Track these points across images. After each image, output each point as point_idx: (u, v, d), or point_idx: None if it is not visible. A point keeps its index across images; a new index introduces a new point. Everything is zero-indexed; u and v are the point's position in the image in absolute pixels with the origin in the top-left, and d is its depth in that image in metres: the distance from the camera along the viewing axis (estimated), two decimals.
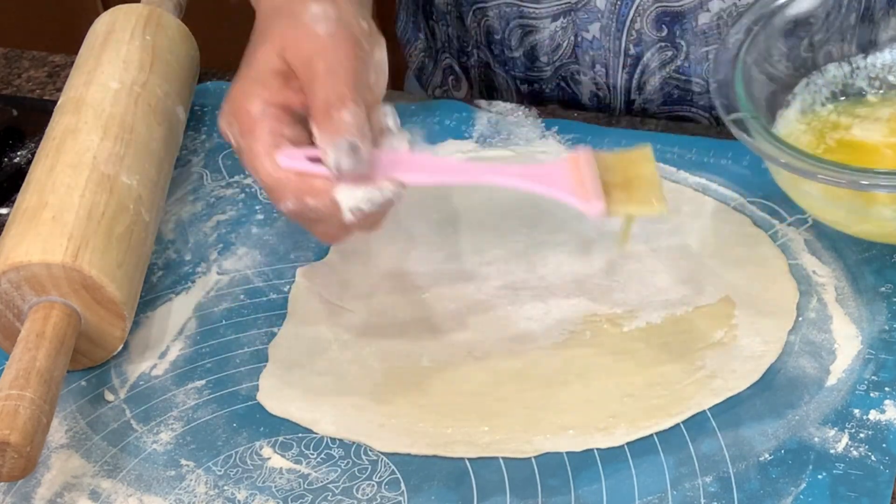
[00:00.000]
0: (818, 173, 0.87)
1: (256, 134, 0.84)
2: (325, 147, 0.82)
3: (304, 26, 0.85)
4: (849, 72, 0.99)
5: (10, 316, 0.92)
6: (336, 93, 0.83)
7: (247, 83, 0.86)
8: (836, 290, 0.94)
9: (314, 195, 0.83)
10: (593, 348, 0.92)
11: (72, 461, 0.89)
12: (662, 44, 1.10)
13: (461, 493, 0.85)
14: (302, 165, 0.83)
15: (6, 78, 1.20)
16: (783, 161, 0.88)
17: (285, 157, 0.84)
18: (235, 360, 0.94)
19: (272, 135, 0.84)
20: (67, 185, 0.95)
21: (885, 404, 0.86)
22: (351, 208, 0.83)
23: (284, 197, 0.84)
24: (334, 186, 0.83)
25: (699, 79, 1.12)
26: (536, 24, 1.13)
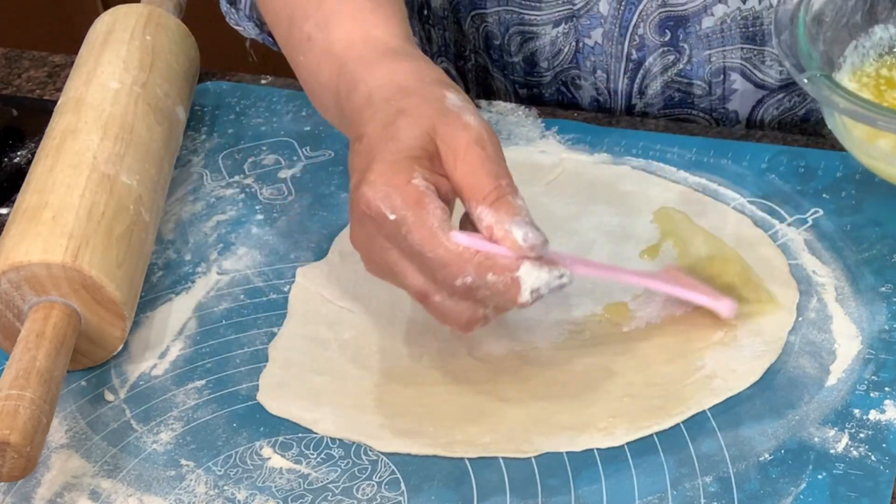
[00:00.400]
0: None
1: (428, 208, 0.82)
2: (506, 227, 0.81)
3: (452, 115, 0.85)
4: (895, 34, 0.99)
5: (10, 316, 0.92)
6: (506, 182, 0.83)
7: (400, 157, 0.83)
8: (836, 290, 0.93)
9: (497, 271, 0.81)
10: (593, 348, 0.92)
11: (72, 461, 0.89)
12: (665, 48, 1.10)
13: (461, 493, 0.85)
14: (482, 244, 0.82)
15: (6, 78, 1.20)
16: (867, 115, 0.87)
17: (461, 237, 0.82)
18: (235, 360, 0.94)
19: (444, 212, 0.82)
20: (67, 185, 0.95)
21: (885, 404, 0.86)
22: (533, 288, 0.82)
23: (463, 272, 0.81)
24: (518, 266, 0.82)
25: (701, 81, 1.12)
26: (537, 31, 1.13)
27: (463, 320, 0.85)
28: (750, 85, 1.11)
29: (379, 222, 0.83)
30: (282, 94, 1.15)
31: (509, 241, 0.81)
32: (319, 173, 1.07)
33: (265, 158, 1.09)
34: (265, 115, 1.13)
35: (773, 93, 1.12)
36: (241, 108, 1.14)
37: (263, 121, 1.12)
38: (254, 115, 1.13)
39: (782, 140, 1.06)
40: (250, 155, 1.10)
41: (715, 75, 1.11)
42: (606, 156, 1.05)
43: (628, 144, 1.06)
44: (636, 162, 1.05)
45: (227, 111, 1.14)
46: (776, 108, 1.13)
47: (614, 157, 1.05)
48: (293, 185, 1.06)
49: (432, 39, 1.22)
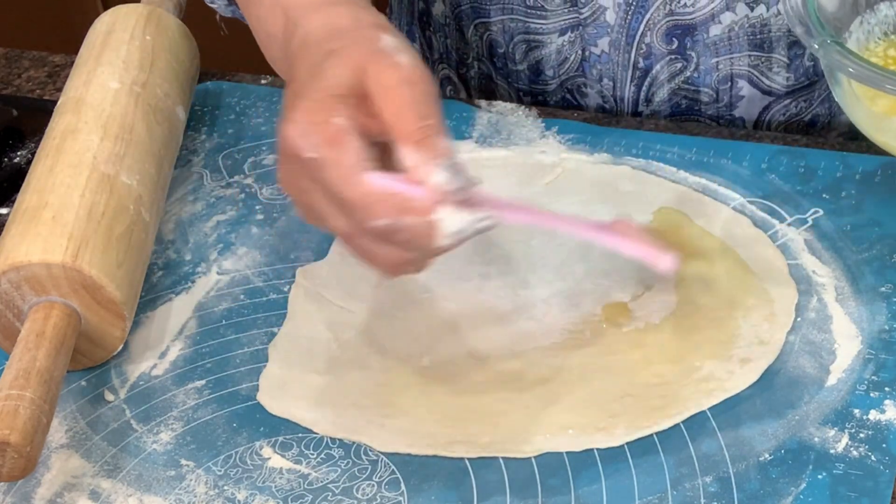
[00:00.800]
0: None
1: (345, 146, 0.80)
2: (427, 168, 0.80)
3: (383, 54, 0.83)
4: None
5: (10, 316, 0.92)
6: (432, 122, 0.81)
7: (324, 96, 0.82)
8: (836, 290, 0.94)
9: (415, 213, 0.79)
10: (593, 348, 0.92)
11: (72, 461, 0.89)
12: (672, 56, 1.10)
13: (461, 493, 0.85)
14: (398, 186, 0.80)
15: (6, 78, 1.20)
16: (878, 79, 0.86)
17: (380, 178, 0.80)
18: (235, 360, 0.94)
19: (362, 151, 0.80)
20: (67, 185, 0.95)
21: (885, 404, 0.86)
22: (454, 232, 0.80)
23: (377, 214, 0.80)
24: (435, 209, 0.80)
25: (708, 89, 1.11)
26: (542, 39, 1.13)
27: (389, 263, 0.83)
28: (757, 91, 1.11)
29: (300, 162, 0.82)
30: (282, 94, 1.14)
31: (428, 182, 0.79)
32: None
33: (265, 158, 1.09)
34: (265, 115, 1.13)
35: (779, 99, 1.12)
36: (241, 108, 1.14)
37: (263, 121, 1.12)
38: (254, 115, 1.13)
39: (782, 140, 1.06)
40: (250, 155, 1.10)
41: (722, 82, 1.11)
42: (606, 156, 1.05)
43: (628, 144, 1.06)
44: (636, 162, 1.05)
45: (227, 111, 1.14)
46: (783, 115, 1.13)
47: (614, 157, 1.05)
48: None
49: (433, 46, 1.22)
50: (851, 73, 0.88)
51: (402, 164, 0.80)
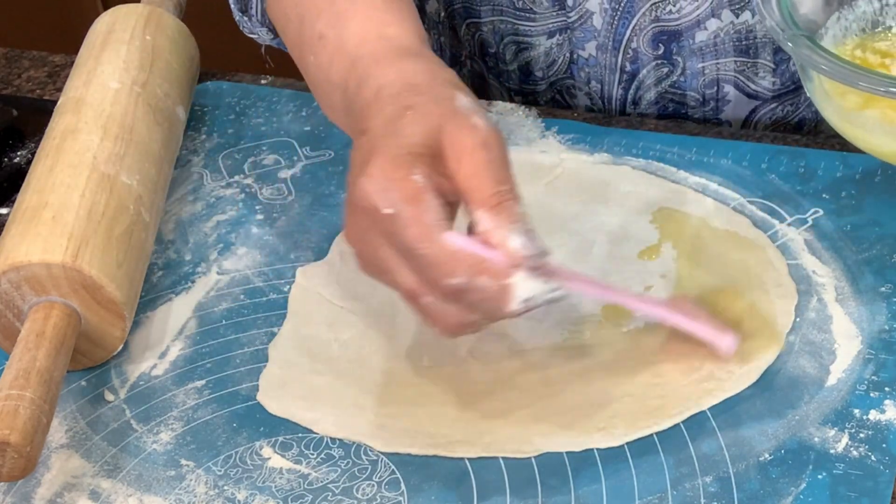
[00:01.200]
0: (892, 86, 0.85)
1: (425, 204, 0.80)
2: (504, 233, 0.80)
3: (460, 115, 0.83)
4: (878, 8, 0.98)
5: (10, 316, 0.92)
6: (508, 187, 0.81)
7: (402, 153, 0.81)
8: (836, 290, 0.93)
9: (490, 275, 0.80)
10: (592, 348, 0.92)
11: (72, 461, 0.89)
12: (659, 61, 1.10)
13: (461, 493, 0.85)
14: (476, 248, 0.80)
15: (6, 78, 1.20)
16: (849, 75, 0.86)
17: (456, 238, 0.80)
18: (235, 360, 0.94)
19: (440, 209, 0.80)
20: (67, 185, 0.95)
21: (885, 404, 0.86)
22: (525, 298, 0.80)
23: (455, 272, 0.79)
24: (512, 273, 0.80)
25: (694, 93, 1.12)
26: (531, 41, 1.13)
27: (451, 323, 0.83)
28: (743, 96, 1.11)
29: (374, 216, 0.81)
30: (282, 94, 1.15)
31: (505, 247, 0.80)
32: (319, 173, 1.07)
33: (265, 158, 1.09)
34: (265, 115, 1.13)
35: (766, 103, 1.12)
36: (241, 108, 1.14)
37: (263, 121, 1.12)
38: (254, 115, 1.13)
39: (782, 140, 1.06)
40: (250, 155, 1.10)
41: (708, 87, 1.11)
42: (606, 156, 1.05)
43: (628, 144, 1.06)
44: (636, 162, 1.05)
45: (227, 111, 1.14)
46: (769, 118, 1.13)
47: (614, 157, 1.05)
48: (293, 185, 1.07)
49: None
50: (823, 69, 0.87)
51: (477, 228, 0.80)
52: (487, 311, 0.82)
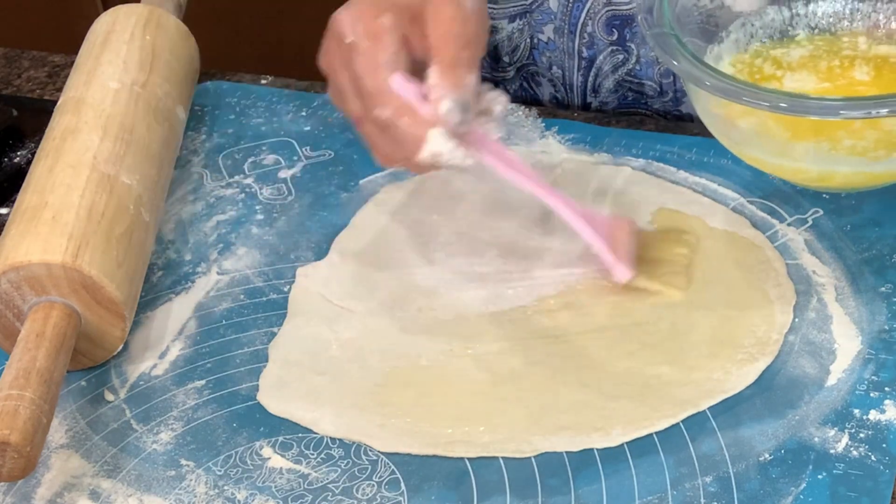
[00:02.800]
0: (742, 94, 0.85)
1: (384, 43, 0.90)
2: (442, 93, 0.88)
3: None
4: (788, 17, 0.99)
5: (10, 316, 0.92)
6: (467, 56, 0.90)
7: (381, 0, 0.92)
8: (836, 290, 0.94)
9: (412, 121, 0.89)
10: (592, 348, 0.92)
11: (72, 461, 0.89)
12: (614, 47, 1.12)
13: (461, 493, 0.85)
14: (410, 96, 0.89)
15: (6, 78, 1.20)
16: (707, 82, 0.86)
17: (399, 80, 0.89)
18: (235, 360, 0.94)
19: (395, 53, 0.90)
20: (67, 185, 0.95)
21: (885, 404, 0.86)
22: (433, 152, 0.89)
23: (385, 105, 0.89)
24: (431, 127, 0.88)
25: (651, 82, 1.13)
26: (496, 25, 1.15)
27: (381, 153, 0.92)
28: None
29: (340, 44, 0.92)
30: (282, 94, 1.15)
31: (436, 105, 0.88)
32: (319, 173, 1.07)
33: (265, 158, 1.09)
34: (265, 115, 1.13)
35: None
36: (241, 108, 1.14)
37: (263, 121, 1.12)
38: (254, 115, 1.13)
39: None
40: (250, 155, 1.10)
41: (665, 76, 1.12)
42: (606, 156, 1.05)
43: (628, 144, 1.06)
44: (636, 162, 1.05)
45: (227, 111, 1.14)
46: None
47: (614, 157, 1.05)
48: (293, 185, 1.07)
49: None
50: (678, 69, 0.88)
51: (427, 81, 0.89)
52: (403, 151, 0.90)
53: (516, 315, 0.94)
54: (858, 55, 0.96)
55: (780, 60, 0.96)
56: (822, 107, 0.85)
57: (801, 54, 0.96)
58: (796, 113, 0.85)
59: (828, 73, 0.95)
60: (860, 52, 0.96)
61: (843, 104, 0.84)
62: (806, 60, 0.96)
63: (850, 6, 0.98)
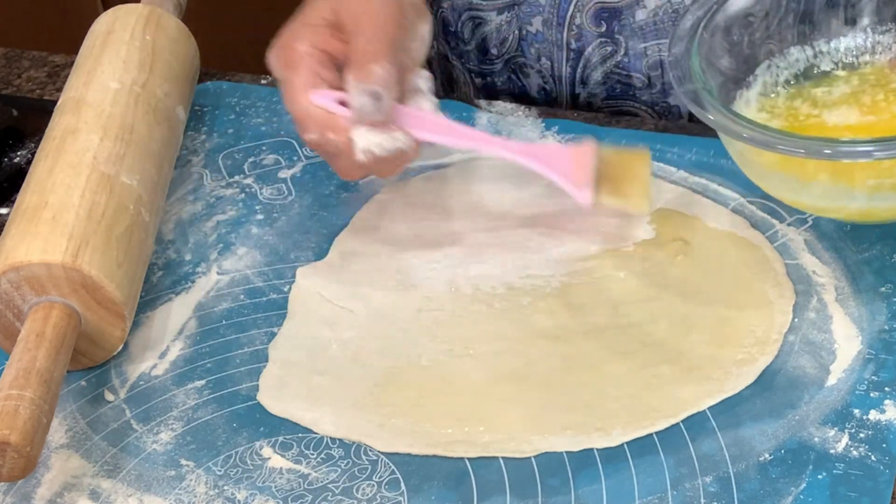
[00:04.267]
0: (777, 143, 0.87)
1: (299, 70, 0.94)
2: (352, 91, 0.91)
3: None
4: (811, 55, 0.99)
5: (10, 316, 0.92)
6: (373, 48, 0.92)
7: (298, 27, 0.96)
8: (836, 290, 0.94)
9: (335, 131, 0.92)
10: (592, 348, 0.92)
11: (72, 461, 0.89)
12: (602, 39, 1.13)
13: (461, 493, 0.85)
14: (330, 105, 0.93)
15: (6, 78, 1.20)
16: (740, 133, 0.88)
17: (318, 96, 0.93)
18: (235, 360, 0.94)
19: (312, 74, 0.93)
20: (67, 185, 0.95)
21: (885, 404, 0.86)
22: (363, 149, 0.92)
23: (309, 128, 0.93)
24: (353, 127, 0.92)
25: (639, 74, 1.13)
26: (484, 17, 1.16)
27: (338, 170, 0.96)
28: None
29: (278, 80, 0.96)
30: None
31: (351, 105, 0.92)
32: (319, 173, 1.07)
33: (265, 158, 1.09)
34: (265, 115, 1.13)
35: None
36: (241, 108, 1.14)
37: (263, 121, 1.12)
38: (254, 115, 1.13)
39: None
40: (250, 155, 1.10)
41: (652, 68, 1.13)
42: None
43: (628, 144, 1.06)
44: None
45: (227, 111, 1.14)
46: None
47: None
48: (293, 185, 1.07)
49: None
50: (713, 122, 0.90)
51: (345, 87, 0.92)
52: (348, 161, 0.94)
53: (516, 315, 0.94)
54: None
55: (817, 100, 0.97)
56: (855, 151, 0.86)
57: (841, 91, 0.98)
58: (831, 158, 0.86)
59: (872, 107, 0.96)
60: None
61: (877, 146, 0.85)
62: (847, 97, 0.97)
63: (870, 39, 0.99)
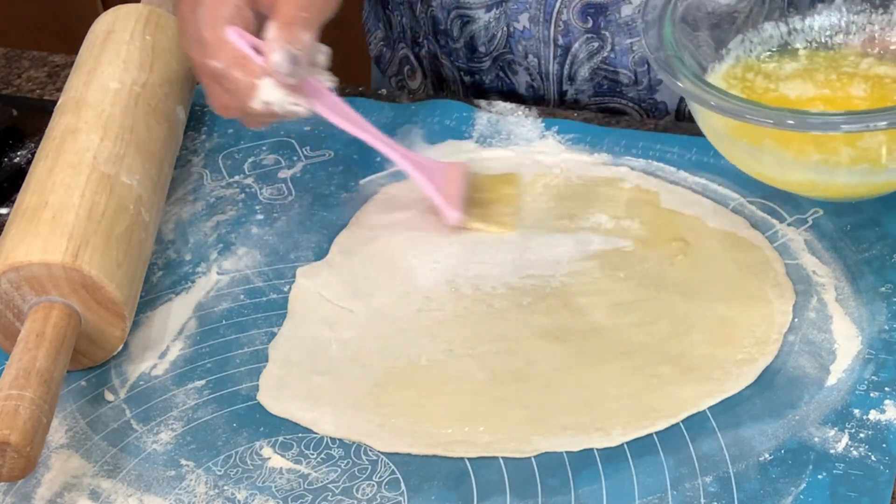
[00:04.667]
0: (745, 113, 0.87)
1: (226, 1, 0.95)
2: (274, 46, 0.92)
3: None
4: (785, 31, 0.99)
5: (10, 316, 0.92)
6: (305, 15, 0.93)
7: None
8: (836, 290, 0.94)
9: (244, 71, 0.93)
10: (592, 348, 0.92)
11: (72, 461, 0.89)
12: (589, 35, 1.13)
13: (461, 493, 0.85)
14: (244, 47, 0.94)
15: (6, 78, 1.20)
16: (708, 101, 0.88)
17: (234, 33, 0.94)
18: (235, 360, 0.94)
19: (236, 9, 0.95)
20: (67, 185, 0.95)
21: (885, 404, 0.86)
22: (264, 100, 0.94)
23: (219, 57, 0.94)
24: (262, 77, 0.93)
25: (626, 70, 1.13)
26: (472, 15, 1.16)
27: (217, 103, 0.97)
28: None
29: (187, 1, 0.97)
30: None
31: (268, 56, 0.92)
32: (319, 173, 1.07)
33: (265, 158, 1.09)
34: None
35: None
36: None
37: None
38: None
39: None
40: (250, 155, 1.10)
41: (639, 65, 1.13)
42: (606, 156, 1.05)
43: (628, 144, 1.06)
44: (636, 162, 1.05)
45: None
46: None
47: (614, 157, 1.05)
48: (293, 185, 1.07)
49: (392, 24, 1.24)
50: (679, 87, 0.90)
51: (263, 35, 0.93)
52: (237, 101, 0.95)
53: (516, 315, 0.94)
54: (858, 72, 0.96)
55: (772, 74, 0.97)
56: (824, 122, 0.87)
57: (794, 67, 0.97)
58: (800, 129, 0.87)
59: (826, 83, 0.96)
60: (860, 69, 0.97)
61: (845, 119, 0.86)
62: (800, 72, 0.97)
63: (845, 18, 0.99)
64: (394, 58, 1.26)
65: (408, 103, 1.12)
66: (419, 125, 1.09)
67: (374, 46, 1.28)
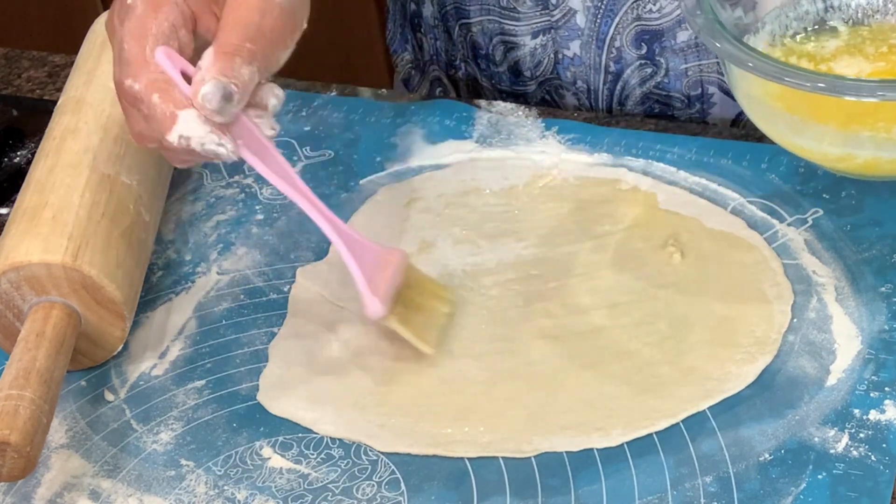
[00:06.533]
0: (784, 76, 0.85)
1: (161, 12, 0.85)
2: (207, 76, 0.83)
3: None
4: (822, 8, 0.98)
5: (10, 316, 0.92)
6: (250, 49, 0.84)
7: None
8: (836, 290, 0.94)
9: (164, 98, 0.83)
10: (592, 348, 0.92)
11: (72, 461, 0.89)
12: (642, 61, 1.11)
13: (461, 493, 0.85)
14: (171, 71, 0.84)
15: (6, 78, 1.20)
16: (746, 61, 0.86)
17: (162, 54, 0.84)
18: (235, 360, 0.94)
19: (170, 28, 0.85)
20: (67, 185, 0.95)
21: (885, 404, 0.86)
22: (182, 134, 0.83)
23: (138, 78, 0.84)
24: (185, 107, 0.83)
25: (679, 94, 1.12)
26: (517, 41, 1.14)
27: (133, 130, 0.87)
28: (728, 97, 1.11)
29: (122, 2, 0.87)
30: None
31: (196, 86, 0.83)
32: (319, 173, 1.07)
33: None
34: None
35: None
36: None
37: None
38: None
39: None
40: None
41: (693, 88, 1.11)
42: (606, 156, 1.05)
43: (628, 144, 1.06)
44: (636, 162, 1.05)
45: None
46: None
47: (614, 156, 1.05)
48: None
49: (423, 48, 1.22)
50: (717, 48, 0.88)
51: (199, 63, 0.83)
52: (153, 131, 0.84)
53: (516, 315, 0.94)
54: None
55: (814, 54, 0.96)
56: (858, 87, 0.85)
57: (836, 44, 0.96)
58: (834, 93, 0.84)
59: (878, 56, 0.95)
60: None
61: (881, 85, 0.84)
62: (845, 49, 0.96)
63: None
64: (424, 80, 1.24)
65: (408, 103, 1.12)
66: (419, 125, 1.09)
67: (402, 69, 1.26)
